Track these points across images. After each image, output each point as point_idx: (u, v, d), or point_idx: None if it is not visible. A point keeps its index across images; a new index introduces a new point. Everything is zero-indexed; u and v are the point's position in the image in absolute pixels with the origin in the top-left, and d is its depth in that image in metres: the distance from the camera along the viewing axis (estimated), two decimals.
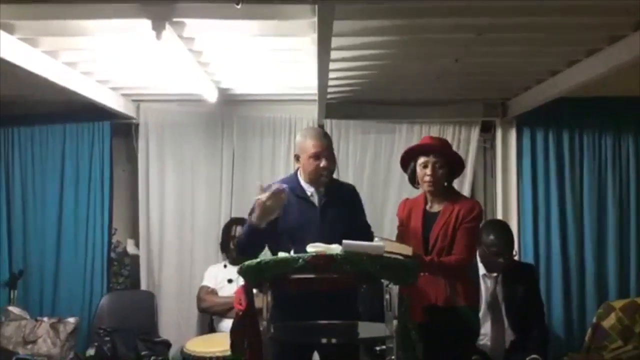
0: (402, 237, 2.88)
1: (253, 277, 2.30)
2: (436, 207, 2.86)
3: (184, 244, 4.39)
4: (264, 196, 2.54)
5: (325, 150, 2.76)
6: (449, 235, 2.76)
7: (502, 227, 3.44)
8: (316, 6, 2.27)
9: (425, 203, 2.90)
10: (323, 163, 2.74)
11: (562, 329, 4.21)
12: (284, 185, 2.59)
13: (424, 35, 2.89)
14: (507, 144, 4.44)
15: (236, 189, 4.41)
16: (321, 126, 4.35)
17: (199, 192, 4.43)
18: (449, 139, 4.36)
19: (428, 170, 2.81)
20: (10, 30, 2.70)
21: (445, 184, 2.88)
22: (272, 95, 4.29)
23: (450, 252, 2.76)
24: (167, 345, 3.99)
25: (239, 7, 2.22)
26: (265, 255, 2.83)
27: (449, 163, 2.86)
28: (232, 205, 4.39)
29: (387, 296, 2.32)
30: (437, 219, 2.82)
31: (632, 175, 4.28)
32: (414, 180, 2.92)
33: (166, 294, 4.37)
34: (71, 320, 3.86)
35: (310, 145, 2.75)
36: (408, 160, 2.93)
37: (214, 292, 4.00)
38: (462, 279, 2.80)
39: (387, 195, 4.32)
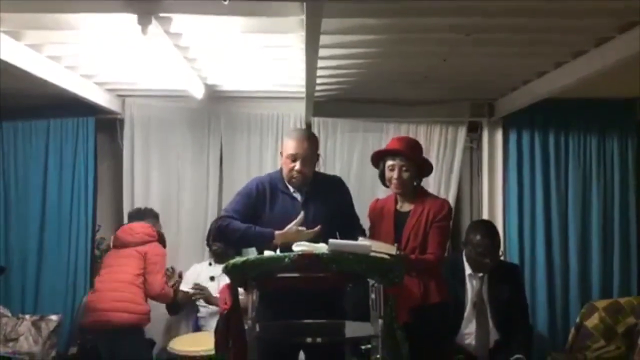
0: (374, 238, 2.90)
1: (238, 276, 2.29)
2: (406, 207, 2.95)
3: (169, 240, 4.31)
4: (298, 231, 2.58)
5: (303, 153, 2.74)
6: (420, 234, 2.86)
7: (489, 228, 3.45)
8: (304, 3, 2.25)
9: (396, 203, 2.98)
10: (297, 166, 2.73)
11: (546, 329, 4.24)
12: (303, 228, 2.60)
13: (413, 34, 2.88)
14: (494, 144, 4.46)
15: (223, 185, 4.37)
16: (308, 124, 4.34)
17: (185, 189, 4.39)
18: (436, 139, 4.40)
19: (395, 174, 2.90)
20: None
21: (415, 183, 2.95)
22: (260, 92, 4.26)
23: (423, 251, 2.85)
24: (151, 343, 3.96)
25: (226, 3, 2.20)
26: (251, 253, 2.81)
27: (417, 165, 2.93)
28: (220, 203, 4.36)
29: (372, 295, 2.32)
30: (407, 218, 2.90)
31: (616, 176, 4.31)
32: (384, 180, 2.98)
33: None
34: (53, 317, 3.82)
35: (289, 145, 2.76)
36: (378, 160, 3.01)
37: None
38: (436, 276, 2.90)
39: (375, 194, 4.22)
